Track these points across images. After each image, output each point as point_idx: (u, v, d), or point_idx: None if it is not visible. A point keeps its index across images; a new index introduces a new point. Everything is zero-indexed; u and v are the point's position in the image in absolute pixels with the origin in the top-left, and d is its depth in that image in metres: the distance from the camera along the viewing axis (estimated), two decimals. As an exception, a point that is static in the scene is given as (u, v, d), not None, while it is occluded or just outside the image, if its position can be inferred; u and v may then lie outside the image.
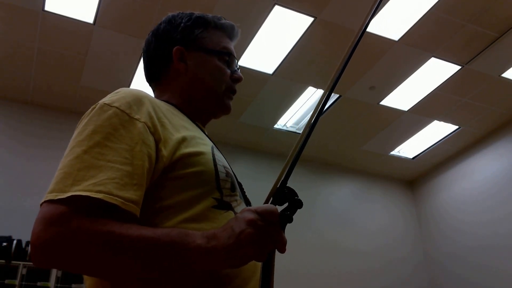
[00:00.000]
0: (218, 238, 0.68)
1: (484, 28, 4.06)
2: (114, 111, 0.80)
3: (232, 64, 1.07)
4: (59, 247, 0.67)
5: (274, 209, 0.69)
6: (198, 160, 0.83)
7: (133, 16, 3.84)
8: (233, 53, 1.08)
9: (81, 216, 0.68)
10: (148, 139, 0.79)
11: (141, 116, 0.81)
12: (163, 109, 0.89)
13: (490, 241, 5.32)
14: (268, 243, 0.68)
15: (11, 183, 4.48)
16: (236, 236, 0.67)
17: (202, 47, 1.04)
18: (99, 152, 0.74)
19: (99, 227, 0.68)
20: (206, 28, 1.06)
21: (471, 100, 5.02)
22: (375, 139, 5.70)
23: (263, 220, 0.68)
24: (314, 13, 3.87)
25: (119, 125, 0.78)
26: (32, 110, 4.92)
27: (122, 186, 0.72)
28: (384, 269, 5.84)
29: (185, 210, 0.80)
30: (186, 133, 0.87)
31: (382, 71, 4.56)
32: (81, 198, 0.69)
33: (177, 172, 0.81)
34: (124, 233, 0.68)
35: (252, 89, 4.75)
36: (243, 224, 0.67)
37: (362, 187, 6.39)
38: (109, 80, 4.61)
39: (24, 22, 3.88)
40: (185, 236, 0.70)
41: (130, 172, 0.74)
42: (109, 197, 0.70)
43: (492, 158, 5.55)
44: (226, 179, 0.87)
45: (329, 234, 5.76)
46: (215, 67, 1.04)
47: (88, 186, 0.70)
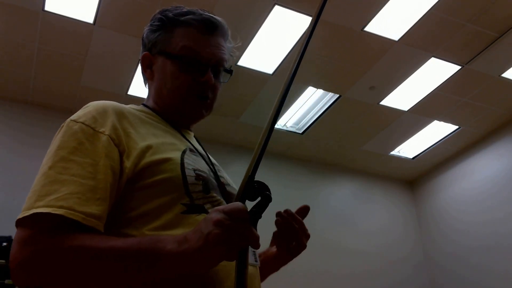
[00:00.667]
0: (188, 241, 0.68)
1: (484, 28, 4.06)
2: (79, 126, 0.82)
3: (198, 66, 0.96)
4: (33, 267, 0.69)
5: (241, 207, 0.67)
6: (164, 167, 0.83)
7: (133, 16, 3.84)
8: (195, 53, 0.96)
9: (50, 233, 0.70)
10: (112, 152, 0.80)
11: (106, 129, 0.82)
12: (132, 118, 0.89)
13: (490, 241, 5.32)
14: (237, 241, 0.66)
15: (11, 183, 4.48)
16: (204, 237, 0.66)
17: (161, 50, 0.98)
18: (63, 166, 0.76)
19: (69, 243, 0.69)
20: (164, 28, 0.99)
21: (471, 100, 5.02)
22: (375, 139, 5.70)
23: (231, 218, 0.66)
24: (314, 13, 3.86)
25: (84, 139, 0.80)
26: (32, 110, 4.91)
27: (84, 201, 0.73)
28: (384, 269, 5.84)
29: (155, 219, 0.79)
30: (153, 141, 0.86)
31: (382, 71, 4.56)
32: (45, 215, 0.70)
33: (143, 181, 0.81)
34: (94, 246, 0.69)
35: (252, 89, 4.75)
36: (210, 225, 0.66)
37: (362, 187, 6.39)
38: (109, 80, 4.61)
39: (24, 22, 3.88)
40: (156, 243, 0.69)
41: (94, 187, 0.75)
42: (70, 213, 0.71)
43: (492, 158, 5.55)
44: (196, 183, 0.85)
45: (329, 234, 5.76)
46: (171, 72, 0.96)
47: (50, 201, 0.71)
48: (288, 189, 5.78)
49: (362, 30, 4.03)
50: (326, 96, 5.04)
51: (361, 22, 3.97)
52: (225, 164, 1.15)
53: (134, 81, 4.60)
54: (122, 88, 4.70)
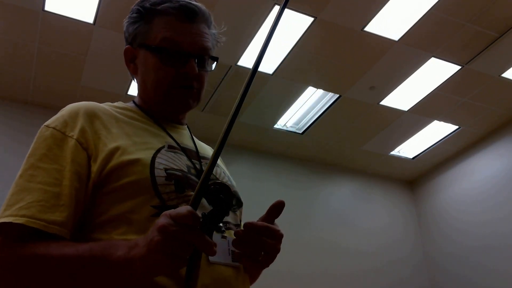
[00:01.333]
0: (137, 247, 0.65)
1: (484, 28, 4.06)
2: (51, 132, 0.82)
3: (178, 56, 0.91)
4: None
5: (186, 212, 0.63)
6: (131, 169, 0.80)
7: (133, 16, 3.84)
8: (175, 43, 0.91)
9: (11, 243, 0.71)
10: (79, 157, 0.79)
11: (75, 133, 0.81)
12: (106, 118, 0.88)
13: (490, 241, 5.32)
14: (181, 248, 0.62)
15: (11, 183, 4.47)
16: (147, 244, 0.63)
17: (142, 43, 0.95)
18: (31, 174, 0.76)
19: (25, 252, 0.70)
20: (143, 18, 0.95)
21: (471, 100, 5.02)
22: (375, 139, 5.70)
23: (176, 224, 0.62)
24: (314, 13, 3.87)
25: (53, 145, 0.80)
26: (32, 110, 4.91)
27: (47, 208, 0.72)
28: (384, 269, 5.84)
29: (124, 223, 0.77)
30: (123, 141, 0.83)
31: (382, 71, 4.57)
32: (10, 225, 0.71)
33: (111, 185, 0.79)
34: (47, 254, 0.69)
35: (252, 89, 4.74)
36: (154, 231, 0.63)
37: (362, 187, 6.39)
38: (109, 80, 4.61)
39: (24, 22, 3.88)
40: (108, 249, 0.68)
41: (58, 193, 0.74)
42: (31, 221, 0.71)
43: (492, 158, 5.55)
44: (166, 183, 0.81)
45: (329, 234, 5.76)
46: (152, 65, 0.93)
47: (14, 211, 0.72)
48: (288, 189, 5.78)
49: (362, 30, 4.03)
50: (326, 96, 5.04)
51: (361, 22, 3.97)
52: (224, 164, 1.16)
53: (134, 81, 4.59)
54: (122, 88, 4.70)
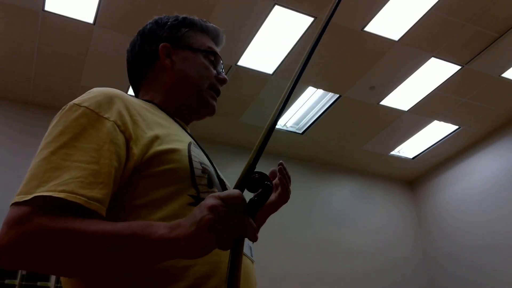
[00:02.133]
0: (181, 227, 0.66)
1: (484, 28, 4.06)
2: (83, 111, 0.80)
3: (217, 65, 1.09)
4: (21, 247, 0.67)
5: (237, 194, 0.65)
6: (172, 157, 0.82)
7: (133, 16, 3.84)
8: (218, 54, 1.10)
9: (42, 215, 0.68)
10: (117, 138, 0.78)
11: (111, 115, 0.80)
12: (137, 107, 0.88)
13: (490, 241, 5.32)
14: (231, 229, 0.64)
15: (11, 183, 4.47)
16: (197, 223, 0.64)
17: (187, 45, 1.06)
18: (66, 153, 0.74)
19: (58, 224, 0.67)
20: (192, 28, 1.09)
21: (471, 100, 5.02)
22: (375, 139, 5.70)
23: (226, 205, 0.64)
24: (314, 13, 3.87)
25: (87, 124, 0.78)
26: (32, 110, 4.91)
27: (87, 184, 0.71)
28: (384, 269, 5.84)
29: (160, 208, 0.78)
30: (160, 131, 0.86)
31: (382, 71, 4.57)
32: (45, 199, 0.69)
33: (150, 170, 0.80)
34: (84, 229, 0.67)
35: (252, 89, 4.75)
36: (204, 210, 0.64)
37: (362, 187, 6.39)
38: (109, 80, 4.61)
39: (24, 22, 3.88)
40: (148, 227, 0.68)
41: (96, 171, 0.73)
42: (72, 196, 0.69)
43: (492, 158, 5.55)
44: (202, 176, 0.85)
45: (329, 234, 5.76)
46: (200, 64, 1.05)
47: (52, 187, 0.70)
48: (288, 189, 5.77)
49: (362, 30, 4.03)
50: (326, 96, 5.04)
51: (361, 22, 3.97)
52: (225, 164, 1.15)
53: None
54: (122, 88, 4.64)
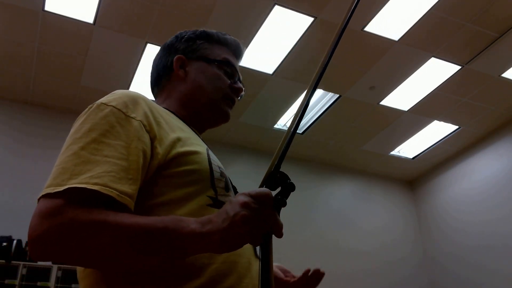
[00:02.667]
0: (213, 223, 0.68)
1: (484, 28, 4.06)
2: (110, 109, 0.82)
3: (233, 75, 1.10)
4: (54, 238, 0.68)
5: (268, 192, 0.69)
6: (193, 158, 0.85)
7: (133, 16, 3.84)
8: (234, 65, 1.10)
9: (76, 207, 0.69)
10: (143, 136, 0.81)
11: (137, 115, 0.83)
12: (160, 110, 0.92)
13: (490, 241, 5.32)
14: (263, 225, 0.67)
15: (11, 183, 4.48)
16: (230, 218, 0.66)
17: (202, 56, 1.09)
18: (96, 148, 0.76)
19: (93, 216, 0.69)
20: (208, 40, 1.11)
21: (471, 100, 5.02)
22: (375, 139, 5.70)
23: (257, 202, 0.67)
24: (314, 13, 3.87)
25: (115, 122, 0.80)
26: (32, 110, 4.92)
27: (118, 179, 0.73)
28: (384, 269, 5.84)
29: (180, 207, 0.81)
30: (181, 134, 0.89)
31: (382, 71, 4.57)
32: (78, 191, 0.70)
33: (172, 169, 0.83)
34: (118, 221, 0.69)
35: (252, 89, 4.75)
36: (237, 206, 0.67)
37: (362, 187, 6.39)
38: (109, 80, 4.61)
39: (24, 22, 3.88)
40: (179, 222, 0.70)
41: (126, 167, 0.76)
42: (105, 189, 0.71)
43: (492, 158, 5.55)
44: (220, 179, 0.89)
45: (329, 234, 5.76)
46: (213, 74, 1.07)
47: (85, 179, 0.71)
48: (288, 189, 5.77)
49: (362, 30, 4.03)
50: (326, 96, 5.04)
51: (361, 22, 3.97)
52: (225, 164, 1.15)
53: (134, 81, 4.60)
54: (122, 88, 4.68)
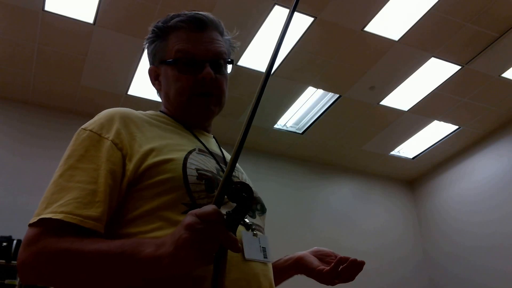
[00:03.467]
0: (165, 245, 0.68)
1: (484, 28, 4.06)
2: (87, 134, 0.87)
3: (195, 64, 0.97)
4: (31, 266, 0.76)
5: (211, 209, 0.66)
6: (164, 167, 0.84)
7: (133, 16, 3.84)
8: (189, 52, 0.97)
9: (47, 236, 0.76)
10: (113, 156, 0.84)
11: (110, 135, 0.86)
12: (139, 122, 0.92)
13: (490, 241, 5.32)
14: (208, 245, 0.65)
15: (11, 183, 4.48)
16: (175, 242, 0.66)
17: (161, 60, 1.02)
18: (71, 174, 0.81)
19: (59, 245, 0.75)
20: (159, 37, 1.02)
21: (471, 100, 5.02)
22: (375, 139, 5.70)
23: (202, 222, 0.65)
24: (313, 13, 3.87)
25: (90, 146, 0.85)
26: (32, 110, 4.91)
27: (84, 205, 0.78)
28: (384, 269, 5.84)
29: (156, 219, 0.81)
30: (158, 143, 0.89)
31: (382, 71, 4.57)
32: (49, 220, 0.76)
33: (145, 182, 0.83)
34: (79, 248, 0.74)
35: (252, 89, 4.74)
36: (181, 229, 0.66)
37: (362, 187, 6.39)
38: (109, 80, 4.61)
39: (24, 22, 3.88)
40: (138, 246, 0.71)
41: (94, 190, 0.79)
42: (69, 217, 0.76)
43: (492, 158, 5.55)
44: (198, 183, 0.85)
45: (329, 234, 5.76)
46: (172, 77, 0.99)
47: (55, 208, 0.77)
48: (288, 189, 5.78)
49: (362, 30, 4.03)
50: (326, 96, 5.04)
51: (361, 22, 3.97)
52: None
53: (134, 81, 4.59)
54: (122, 88, 4.70)
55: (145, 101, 4.68)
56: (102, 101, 4.74)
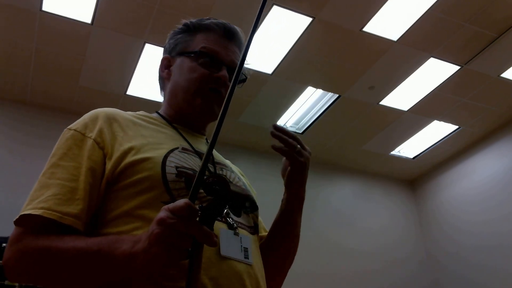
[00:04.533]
0: (140, 242, 0.67)
1: (483, 28, 4.05)
2: (72, 133, 0.88)
3: (214, 64, 1.01)
4: (14, 264, 0.77)
5: (183, 203, 0.64)
6: (143, 166, 0.84)
7: (131, 16, 3.83)
8: (215, 52, 1.01)
9: (29, 234, 0.77)
10: (94, 155, 0.84)
11: (93, 134, 0.87)
12: (124, 121, 0.93)
13: (491, 241, 5.31)
14: (180, 239, 0.64)
15: (11, 183, 4.46)
16: (148, 237, 0.66)
17: (181, 51, 1.04)
18: (52, 172, 0.83)
19: (39, 243, 0.75)
20: (187, 31, 1.05)
21: (471, 100, 5.01)
22: (375, 139, 5.69)
23: (174, 216, 0.64)
24: (312, 13, 3.86)
25: (73, 145, 0.86)
26: (30, 111, 4.90)
27: (64, 201, 0.78)
28: (385, 269, 5.83)
29: (135, 218, 0.80)
30: (138, 142, 0.88)
31: (381, 71, 4.56)
32: (29, 217, 0.77)
33: (124, 181, 0.83)
34: (58, 246, 0.74)
35: (252, 89, 4.74)
36: (154, 224, 0.65)
37: (363, 187, 6.38)
38: (107, 81, 4.60)
39: (22, 22, 3.86)
40: (114, 243, 0.71)
41: (74, 188, 0.80)
42: (48, 213, 0.76)
43: (492, 158, 5.55)
44: (177, 180, 0.84)
45: (330, 234, 5.75)
46: (188, 68, 1.01)
47: (35, 204, 0.77)
48: (288, 189, 5.76)
49: (361, 30, 4.02)
50: (325, 96, 5.03)
51: (360, 23, 3.96)
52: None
53: (133, 81, 4.58)
54: (120, 88, 4.68)
55: (143, 101, 4.67)
56: (100, 102, 4.73)
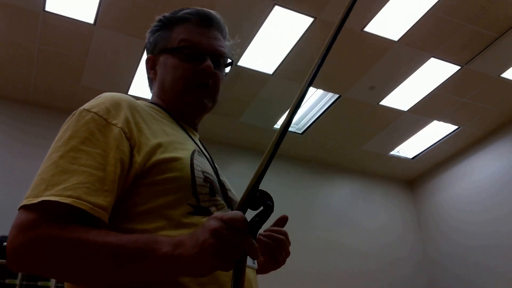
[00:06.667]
0: (184, 246, 0.67)
1: (484, 28, 4.07)
2: (92, 116, 0.81)
3: (197, 56, 0.98)
4: (29, 252, 0.69)
5: (239, 216, 0.65)
6: (174, 165, 0.82)
7: (133, 16, 3.85)
8: (193, 43, 0.98)
9: (51, 222, 0.70)
10: (122, 145, 0.79)
11: (118, 121, 0.81)
12: (144, 113, 0.89)
13: (490, 241, 5.33)
14: (233, 252, 0.65)
15: (11, 183, 4.48)
16: (200, 245, 0.65)
17: (162, 48, 1.02)
18: (74, 156, 0.75)
19: (67, 234, 0.69)
20: (164, 27, 1.03)
21: (471, 100, 5.02)
22: (375, 139, 5.71)
23: (228, 228, 0.64)
24: (313, 13, 3.88)
25: (95, 129, 0.79)
26: (33, 110, 4.92)
27: (93, 191, 0.72)
28: (383, 269, 5.85)
29: (160, 217, 0.79)
30: (164, 139, 0.86)
31: (381, 71, 4.57)
32: (52, 203, 0.70)
33: (152, 178, 0.80)
34: (90, 240, 0.69)
35: (252, 89, 4.75)
36: (207, 233, 0.65)
37: (362, 187, 6.39)
38: (109, 80, 4.62)
39: (25, 22, 3.89)
40: (152, 243, 0.69)
41: (102, 178, 0.74)
42: (78, 202, 0.70)
43: (492, 158, 5.56)
44: (203, 185, 0.85)
45: (329, 234, 5.77)
46: (171, 65, 0.98)
47: (59, 191, 0.71)
48: (288, 189, 5.78)
49: (362, 30, 4.04)
50: (326, 96, 5.05)
51: (361, 23, 3.98)
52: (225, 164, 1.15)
53: (135, 81, 4.60)
54: (122, 88, 4.70)
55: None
56: (102, 101, 4.74)
